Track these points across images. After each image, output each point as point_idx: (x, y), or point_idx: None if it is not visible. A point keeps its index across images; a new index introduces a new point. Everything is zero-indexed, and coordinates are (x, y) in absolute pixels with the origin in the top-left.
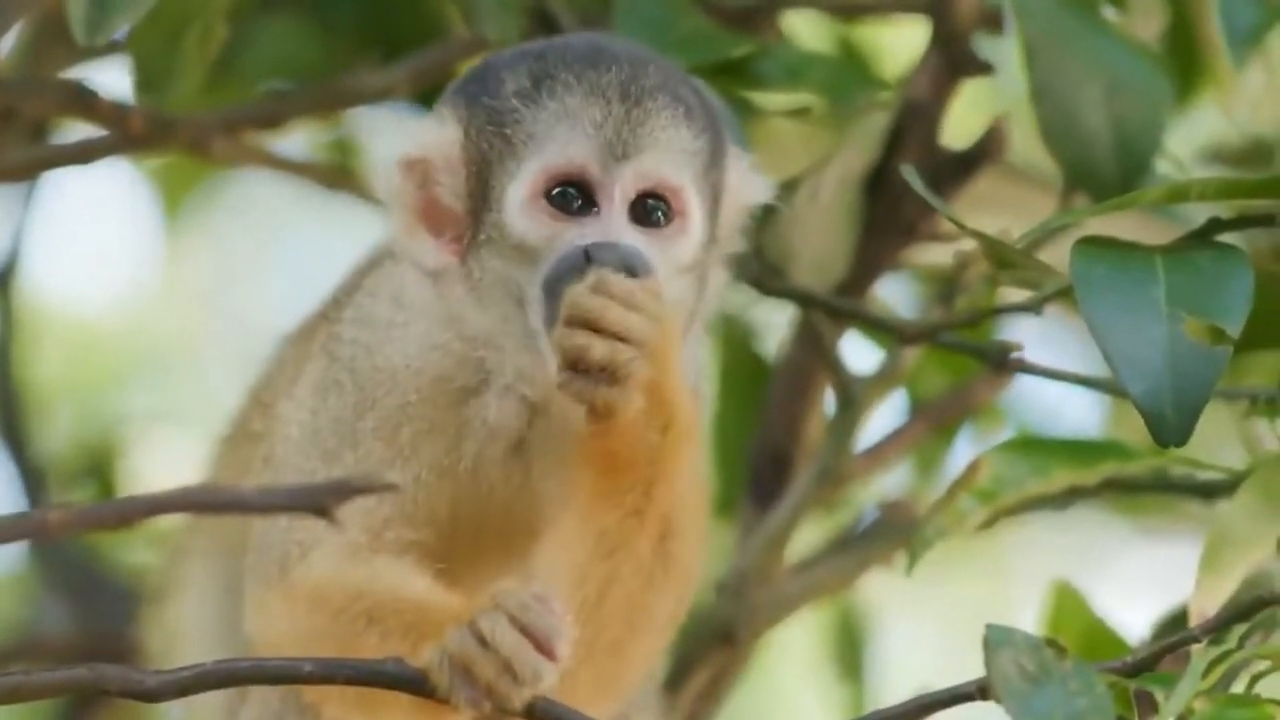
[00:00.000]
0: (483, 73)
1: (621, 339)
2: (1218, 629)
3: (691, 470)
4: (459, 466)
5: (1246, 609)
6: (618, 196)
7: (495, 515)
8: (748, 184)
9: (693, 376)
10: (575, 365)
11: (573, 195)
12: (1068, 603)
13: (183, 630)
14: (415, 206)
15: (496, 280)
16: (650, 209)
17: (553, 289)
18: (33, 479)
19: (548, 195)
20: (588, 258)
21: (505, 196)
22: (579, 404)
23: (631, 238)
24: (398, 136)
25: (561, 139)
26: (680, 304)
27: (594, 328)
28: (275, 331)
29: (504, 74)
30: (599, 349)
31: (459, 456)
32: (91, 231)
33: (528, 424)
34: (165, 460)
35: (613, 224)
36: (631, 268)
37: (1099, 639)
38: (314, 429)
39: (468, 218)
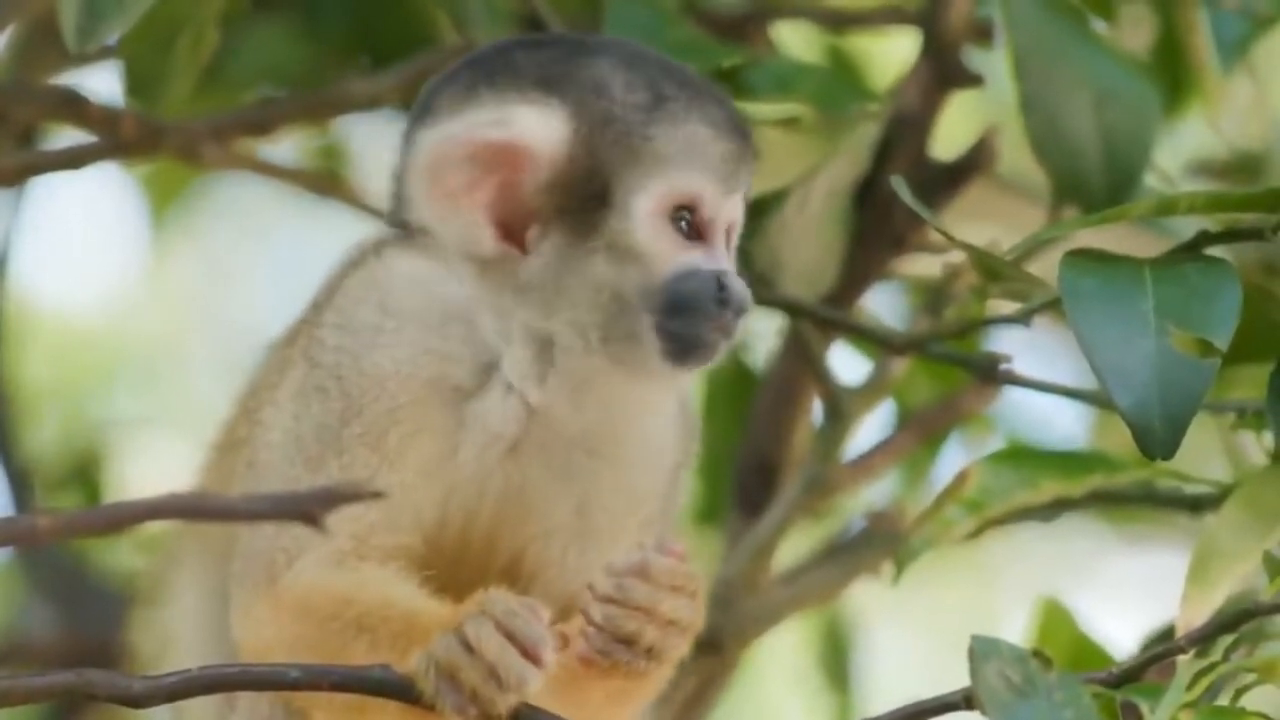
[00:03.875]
0: (576, 68)
1: (670, 622)
2: (1204, 641)
3: None
4: (452, 470)
5: (1233, 621)
6: (722, 227)
7: (486, 521)
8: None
9: (673, 397)
10: (623, 641)
11: (686, 218)
12: (1054, 617)
13: (172, 636)
14: (485, 193)
15: (589, 282)
16: (728, 241)
17: (678, 302)
18: (20, 482)
19: (670, 215)
20: (720, 285)
21: (630, 206)
22: (606, 667)
23: (736, 271)
24: (489, 121)
25: (693, 167)
26: None
27: (645, 612)
28: (262, 336)
29: (609, 78)
30: (650, 635)
31: (453, 460)
32: (79, 234)
33: (526, 428)
34: (152, 464)
35: (722, 256)
36: (745, 306)
37: (1085, 653)
38: (297, 435)
39: (555, 214)
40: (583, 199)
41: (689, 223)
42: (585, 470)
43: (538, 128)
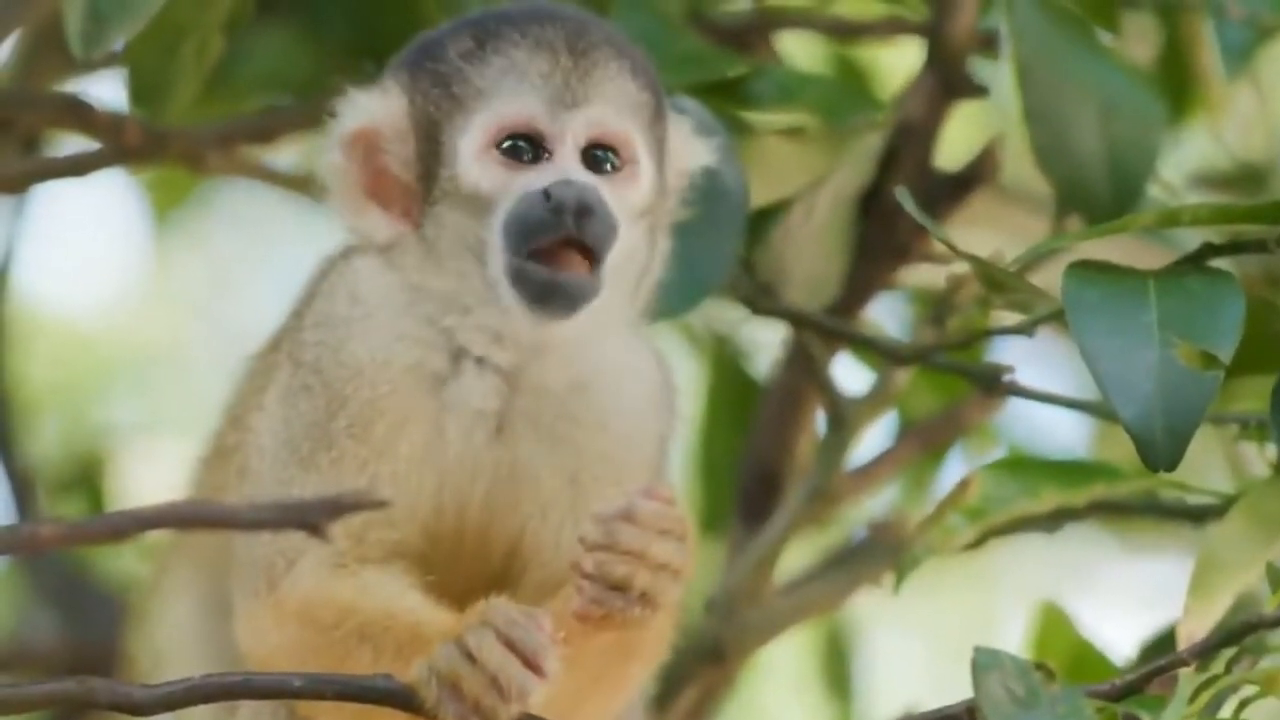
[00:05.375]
0: (422, 42)
1: (661, 565)
2: (1206, 653)
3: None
4: (442, 456)
5: (1235, 633)
6: (569, 143)
7: (479, 505)
8: (690, 146)
9: (655, 367)
10: (616, 588)
11: (524, 148)
12: (1053, 622)
13: (167, 648)
14: (363, 181)
15: (454, 237)
16: (600, 158)
17: (514, 231)
18: (22, 487)
19: (499, 146)
20: (547, 196)
21: (457, 151)
22: (602, 618)
23: (585, 179)
24: (340, 114)
25: (509, 91)
26: (634, 254)
27: (635, 555)
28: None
29: (445, 40)
30: (643, 579)
31: (442, 446)
32: (82, 239)
33: (509, 403)
34: (154, 469)
35: (567, 166)
36: (588, 204)
37: (1084, 658)
38: (287, 437)
39: (418, 183)
40: (428, 161)
41: (529, 148)
42: (572, 440)
43: (377, 107)
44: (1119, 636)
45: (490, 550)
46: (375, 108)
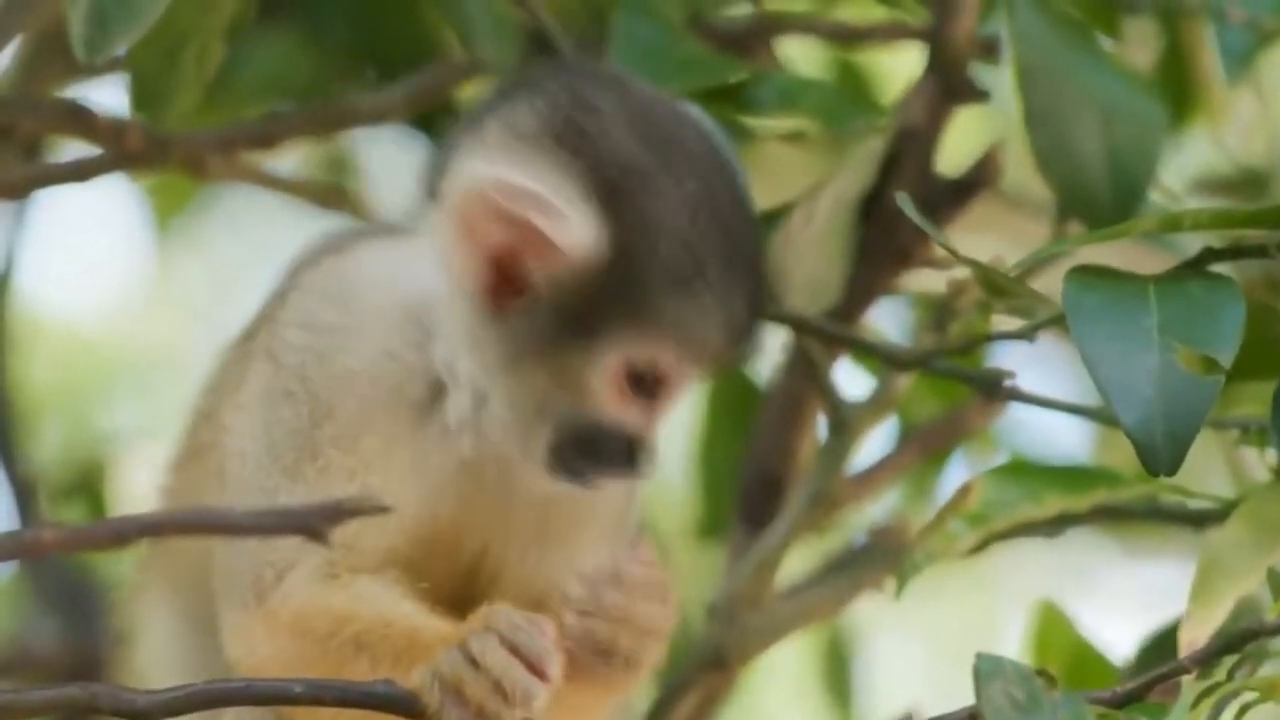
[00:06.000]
0: (649, 195)
1: (644, 630)
2: (1208, 659)
3: None
4: (425, 473)
5: (1236, 640)
6: (674, 391)
7: (448, 521)
8: None
9: None
10: (600, 651)
11: (647, 383)
12: (1053, 624)
13: (146, 670)
14: (500, 250)
15: (526, 380)
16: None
17: (582, 447)
18: (24, 492)
19: (633, 370)
20: (630, 450)
21: (606, 347)
22: (581, 676)
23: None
24: (534, 189)
25: (680, 346)
26: None
27: (619, 619)
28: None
29: (667, 224)
30: (626, 640)
31: (425, 464)
32: (84, 244)
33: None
34: (155, 473)
35: (654, 418)
36: (647, 475)
37: (1084, 661)
38: (269, 443)
39: (542, 303)
40: (575, 311)
41: (644, 378)
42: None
43: (583, 237)
44: (1120, 640)
45: (457, 563)
46: (581, 235)
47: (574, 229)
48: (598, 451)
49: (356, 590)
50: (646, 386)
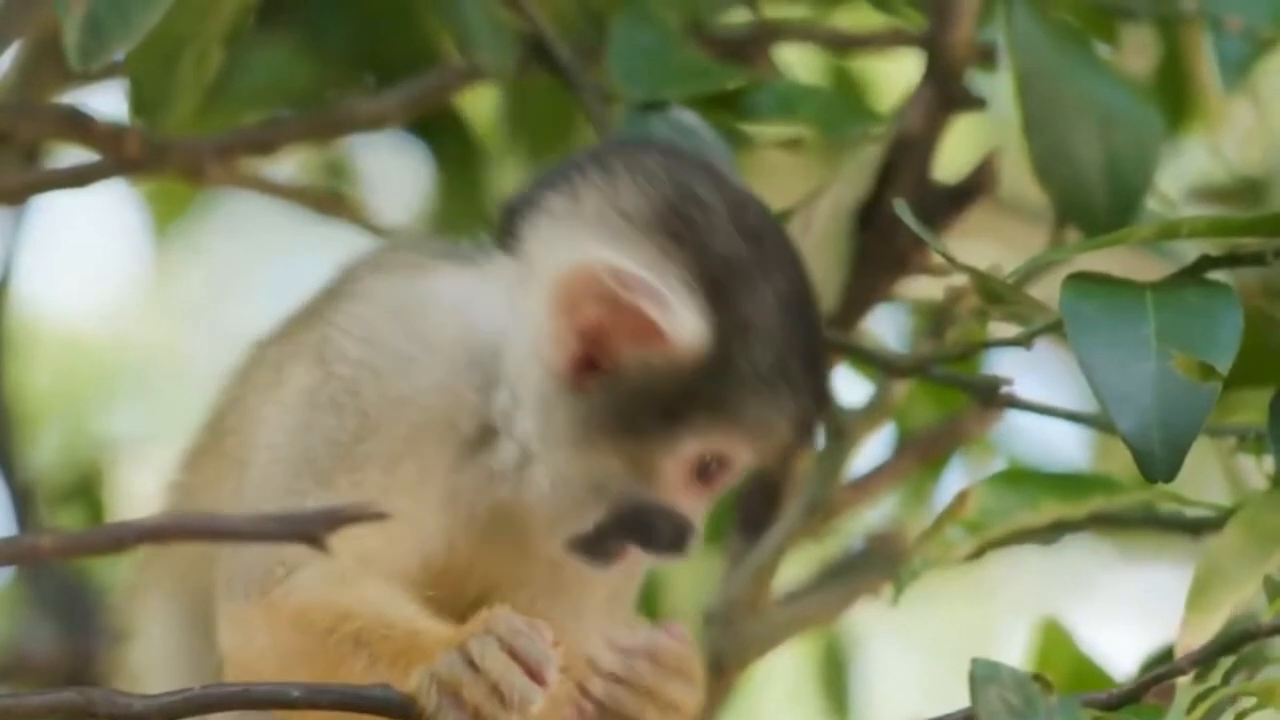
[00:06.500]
0: (748, 297)
1: (670, 706)
2: (1203, 661)
3: None
4: (456, 504)
5: (1233, 642)
6: (730, 476)
7: (463, 555)
8: None
9: None
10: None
11: (711, 472)
12: (1055, 640)
13: (144, 671)
14: (595, 327)
15: (592, 460)
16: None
17: (637, 531)
18: (22, 497)
19: (706, 461)
20: (678, 536)
21: (684, 438)
22: None
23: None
24: (645, 278)
25: (753, 441)
26: None
27: (647, 692)
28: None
29: (761, 326)
30: (650, 715)
31: (458, 503)
32: (82, 249)
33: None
34: (154, 479)
35: (705, 505)
36: (681, 559)
37: (1087, 677)
38: (306, 446)
39: (624, 383)
40: (660, 399)
41: (708, 465)
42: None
43: (690, 330)
44: (1118, 647)
45: (480, 601)
46: (688, 332)
47: (682, 321)
48: (648, 533)
49: (361, 590)
50: (708, 473)
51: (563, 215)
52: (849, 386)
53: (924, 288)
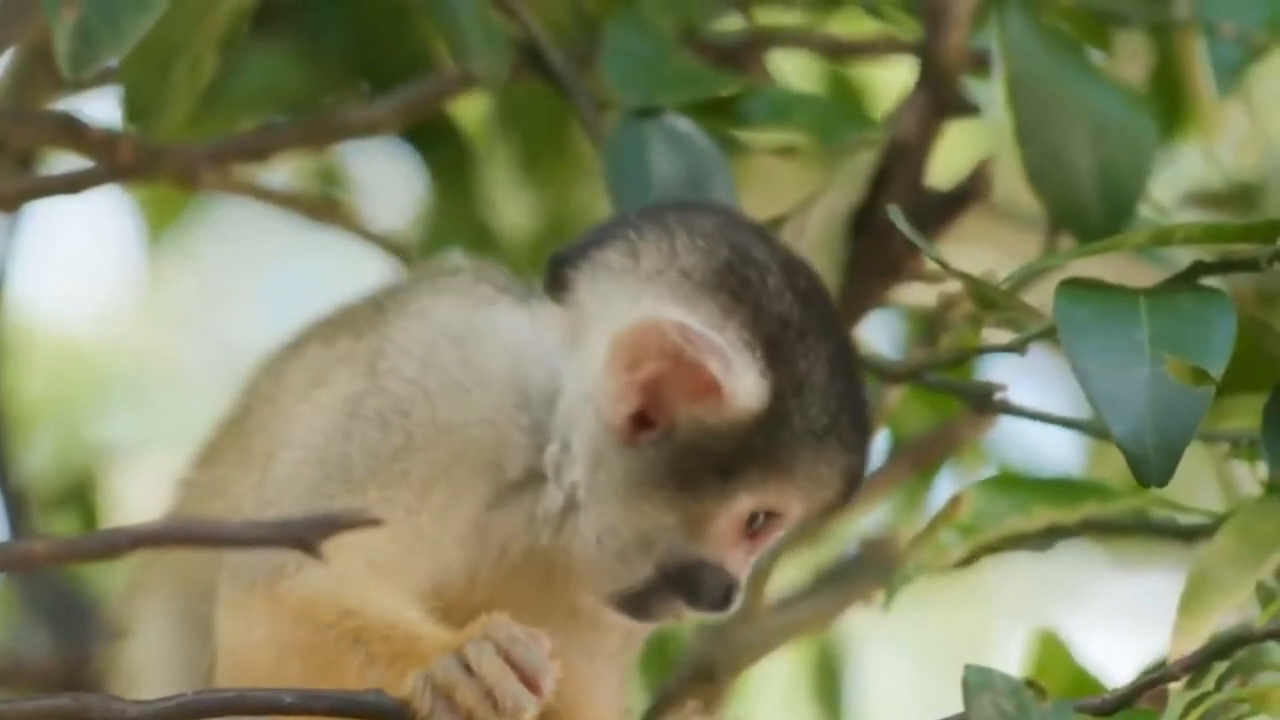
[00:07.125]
0: (803, 356)
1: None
2: (1196, 666)
3: None
4: (483, 539)
5: (1225, 647)
6: (777, 529)
7: (484, 586)
8: None
9: None
10: None
11: (759, 524)
12: (1050, 649)
13: (142, 670)
14: (655, 383)
15: (643, 517)
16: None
17: (683, 582)
18: (16, 503)
19: (755, 517)
20: (725, 593)
21: (737, 496)
22: None
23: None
24: (709, 338)
25: (802, 496)
26: None
27: None
28: (258, 357)
29: (814, 385)
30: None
31: (489, 539)
32: (76, 255)
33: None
34: (148, 484)
35: (750, 559)
36: (723, 614)
37: (1083, 688)
38: (342, 453)
39: (678, 438)
40: (716, 455)
41: (757, 520)
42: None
43: (750, 389)
44: (1110, 653)
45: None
46: (746, 393)
47: (743, 379)
48: (695, 589)
49: (367, 592)
50: (757, 528)
51: (621, 271)
52: None
53: (918, 294)
